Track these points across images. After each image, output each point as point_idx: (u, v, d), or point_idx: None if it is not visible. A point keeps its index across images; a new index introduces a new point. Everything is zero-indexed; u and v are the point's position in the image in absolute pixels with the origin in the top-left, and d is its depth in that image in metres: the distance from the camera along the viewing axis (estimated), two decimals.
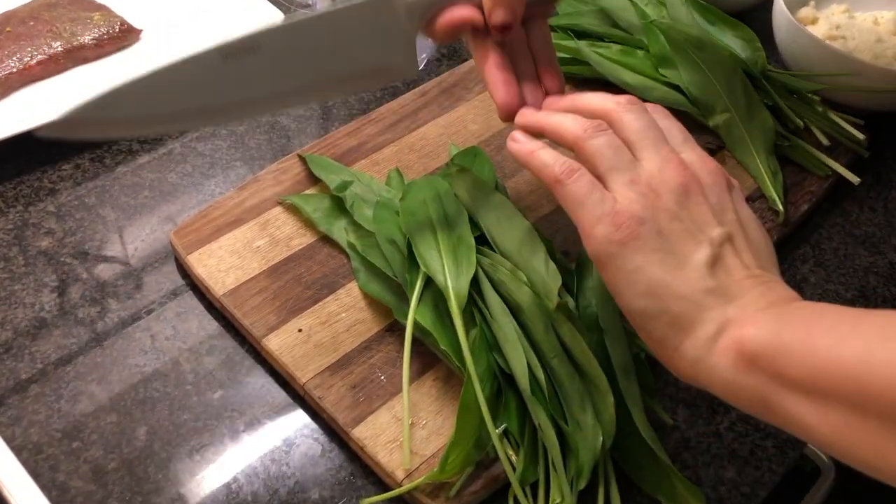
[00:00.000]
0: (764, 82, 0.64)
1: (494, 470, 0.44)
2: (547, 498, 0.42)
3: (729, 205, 0.39)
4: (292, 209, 0.55)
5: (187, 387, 0.48)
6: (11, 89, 0.61)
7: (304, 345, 0.48)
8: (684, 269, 0.36)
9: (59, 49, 0.63)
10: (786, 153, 0.64)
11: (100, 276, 0.53)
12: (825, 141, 0.64)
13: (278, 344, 0.48)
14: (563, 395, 0.44)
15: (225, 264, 0.52)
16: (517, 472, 0.42)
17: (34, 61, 0.61)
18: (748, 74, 0.64)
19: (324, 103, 0.67)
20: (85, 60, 0.64)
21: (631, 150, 0.39)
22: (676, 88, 0.65)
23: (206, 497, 0.43)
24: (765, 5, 0.75)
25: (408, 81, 0.69)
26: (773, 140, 0.62)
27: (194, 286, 0.53)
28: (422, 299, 0.47)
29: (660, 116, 0.42)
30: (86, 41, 0.64)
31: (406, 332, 0.46)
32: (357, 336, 0.49)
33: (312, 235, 0.54)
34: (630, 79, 0.65)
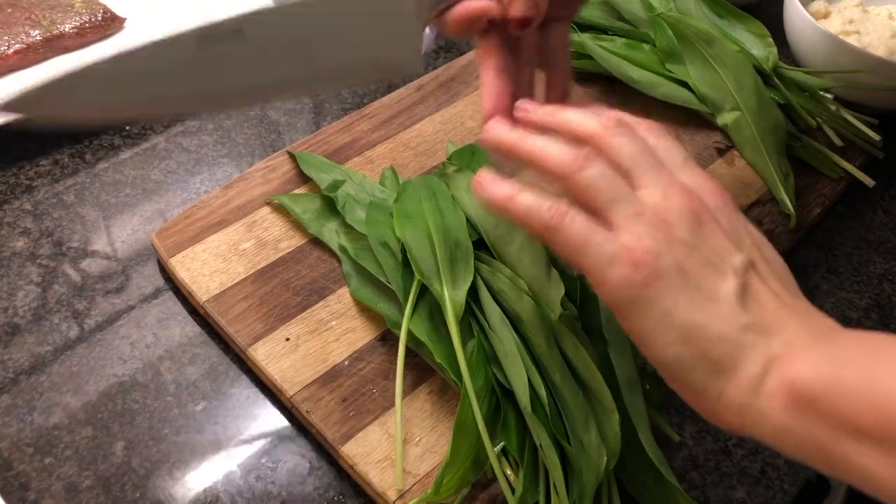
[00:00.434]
0: (775, 79, 0.62)
1: (492, 490, 0.42)
2: None
3: (742, 228, 0.35)
4: (281, 210, 0.53)
5: (168, 398, 0.45)
6: None
7: (292, 355, 0.46)
8: (715, 306, 0.32)
9: (38, 38, 0.60)
10: (797, 154, 0.61)
11: (78, 280, 0.50)
12: (838, 141, 0.62)
13: (265, 353, 0.46)
14: (566, 413, 0.42)
15: (209, 268, 0.49)
16: (516, 494, 0.40)
17: (11, 50, 0.58)
18: (759, 71, 0.61)
19: (315, 97, 0.64)
20: (65, 50, 0.62)
21: (626, 179, 0.34)
22: (684, 85, 0.62)
23: None
24: None
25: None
26: (785, 140, 0.60)
27: (177, 290, 0.50)
28: (416, 308, 0.45)
29: (651, 135, 0.37)
30: (66, 30, 0.61)
31: (399, 343, 0.44)
32: (348, 346, 0.47)
33: (302, 238, 0.51)
34: (635, 74, 0.63)
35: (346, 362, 0.46)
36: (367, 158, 0.57)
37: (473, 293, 0.45)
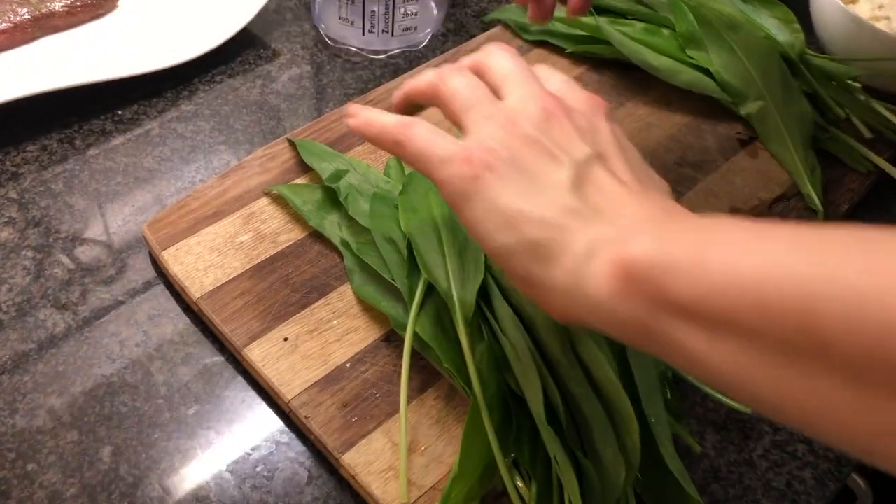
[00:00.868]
0: (802, 68, 0.59)
1: None
2: None
3: (605, 130, 0.34)
4: (280, 201, 0.50)
5: (159, 401, 0.43)
6: None
7: (291, 356, 0.43)
8: (543, 193, 0.31)
9: (27, 17, 0.57)
10: (824, 146, 0.58)
11: (65, 273, 0.48)
12: (867, 133, 0.59)
13: (261, 354, 0.43)
14: (582, 423, 0.39)
15: (203, 262, 0.46)
16: None
17: None
18: (785, 59, 0.58)
19: (317, 81, 0.61)
20: (55, 30, 0.59)
21: (497, 94, 0.35)
22: (705, 72, 0.59)
23: None
24: None
25: (409, 59, 0.63)
26: (812, 132, 0.57)
27: (170, 285, 0.47)
28: (423, 308, 0.42)
29: (541, 68, 0.37)
30: (56, 8, 0.58)
31: (405, 345, 0.41)
32: (350, 347, 0.44)
33: (302, 231, 0.49)
34: (655, 60, 0.60)
35: (348, 364, 0.43)
36: (371, 147, 0.54)
37: (483, 293, 0.42)
